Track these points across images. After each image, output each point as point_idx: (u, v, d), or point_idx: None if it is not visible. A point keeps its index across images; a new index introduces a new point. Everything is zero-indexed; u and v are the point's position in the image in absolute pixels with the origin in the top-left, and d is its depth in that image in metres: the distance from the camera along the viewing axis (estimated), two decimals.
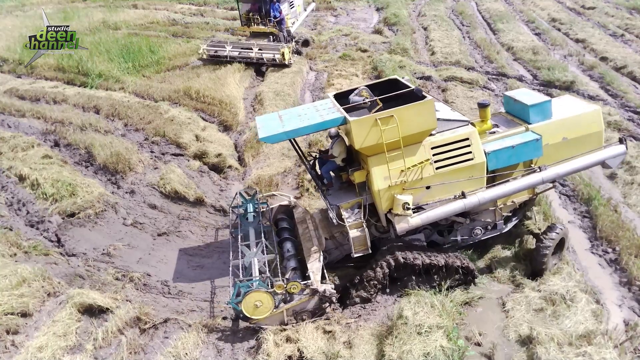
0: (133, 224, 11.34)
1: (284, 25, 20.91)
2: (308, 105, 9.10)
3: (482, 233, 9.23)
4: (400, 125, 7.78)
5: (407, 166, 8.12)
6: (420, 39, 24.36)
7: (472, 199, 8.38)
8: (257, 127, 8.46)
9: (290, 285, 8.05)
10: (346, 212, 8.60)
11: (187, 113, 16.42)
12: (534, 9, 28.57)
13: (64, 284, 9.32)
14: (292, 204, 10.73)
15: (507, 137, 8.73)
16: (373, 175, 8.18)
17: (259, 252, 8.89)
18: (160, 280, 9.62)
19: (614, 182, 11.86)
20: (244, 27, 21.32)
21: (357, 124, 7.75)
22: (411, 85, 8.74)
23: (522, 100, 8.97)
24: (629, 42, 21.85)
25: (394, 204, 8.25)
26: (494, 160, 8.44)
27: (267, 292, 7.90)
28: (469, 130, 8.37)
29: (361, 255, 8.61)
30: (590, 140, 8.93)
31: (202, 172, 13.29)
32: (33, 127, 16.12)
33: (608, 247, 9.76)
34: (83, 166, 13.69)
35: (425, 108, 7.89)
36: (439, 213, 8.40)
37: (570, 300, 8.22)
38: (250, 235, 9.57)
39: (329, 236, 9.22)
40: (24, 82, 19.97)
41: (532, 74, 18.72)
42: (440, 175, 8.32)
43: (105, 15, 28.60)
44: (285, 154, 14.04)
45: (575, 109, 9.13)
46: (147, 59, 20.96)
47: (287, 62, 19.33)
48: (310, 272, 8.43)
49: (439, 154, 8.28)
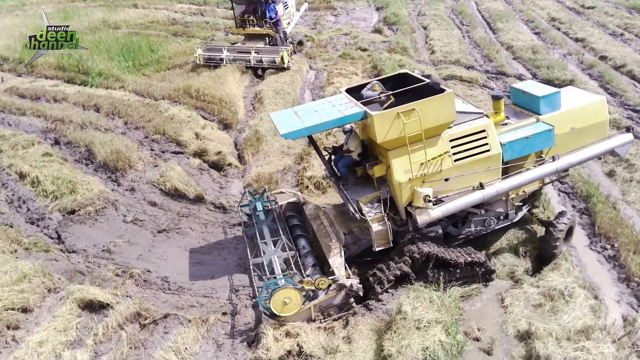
0: (133, 221, 11.36)
1: (280, 27, 20.56)
2: (322, 101, 9.06)
3: (495, 223, 9.33)
4: (422, 119, 7.81)
5: (427, 159, 8.16)
6: (420, 38, 24.40)
7: (490, 190, 8.48)
8: (274, 124, 8.36)
9: (318, 281, 8.00)
10: (366, 206, 8.61)
11: (187, 111, 16.46)
12: (533, 9, 28.62)
13: (64, 280, 9.33)
14: (302, 200, 10.73)
15: (519, 128, 8.88)
16: (394, 168, 8.18)
17: (278, 250, 8.85)
18: (160, 276, 9.64)
19: (612, 180, 11.90)
20: (238, 29, 20.87)
21: (379, 119, 7.73)
22: (424, 78, 8.79)
23: (531, 92, 9.12)
24: (628, 41, 21.89)
25: (415, 197, 8.29)
26: (509, 151, 8.58)
27: (295, 289, 7.88)
28: (485, 122, 8.47)
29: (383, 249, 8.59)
30: (596, 129, 9.15)
31: (202, 169, 13.31)
32: (33, 125, 16.16)
33: (607, 243, 9.79)
34: (83, 164, 13.71)
35: (446, 101, 7.96)
36: (458, 204, 8.47)
37: (568, 296, 8.24)
38: (265, 233, 9.58)
39: (347, 231, 9.19)
40: (24, 80, 20.01)
41: (531, 72, 18.76)
42: (458, 167, 8.39)
43: (105, 15, 28.66)
44: (285, 152, 14.08)
45: (582, 99, 9.34)
46: (147, 58, 20.99)
47: (286, 65, 19.15)
48: (334, 268, 8.43)
49: (457, 146, 8.36)
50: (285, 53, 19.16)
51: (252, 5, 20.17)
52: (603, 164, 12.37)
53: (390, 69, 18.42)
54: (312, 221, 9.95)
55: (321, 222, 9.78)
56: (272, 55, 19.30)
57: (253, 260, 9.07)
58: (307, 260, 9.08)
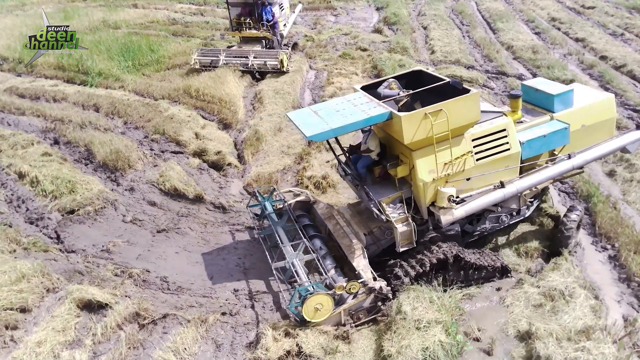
0: (132, 221, 11.34)
1: (277, 29, 20.14)
2: (340, 99, 8.85)
3: (508, 219, 9.38)
4: (449, 119, 7.79)
5: (452, 159, 8.15)
6: (420, 38, 24.37)
7: (510, 188, 8.54)
8: (296, 125, 8.15)
9: (350, 285, 7.92)
10: (388, 206, 8.55)
11: (187, 111, 16.43)
12: (533, 9, 28.59)
13: (63, 279, 9.31)
14: (312, 199, 10.64)
15: (535, 126, 8.96)
16: (418, 169, 8.14)
17: (299, 253, 8.77)
18: (159, 276, 9.61)
19: (613, 179, 11.88)
20: (234, 32, 20.29)
21: (407, 119, 7.66)
22: (440, 76, 8.80)
23: (545, 90, 9.21)
24: (628, 41, 21.87)
25: (438, 197, 8.27)
26: (527, 150, 8.67)
27: (327, 295, 7.79)
28: (505, 121, 8.53)
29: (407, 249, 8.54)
30: (605, 126, 9.34)
31: (201, 169, 13.29)
32: (33, 125, 16.14)
33: (607, 243, 9.77)
34: (83, 163, 13.69)
35: (472, 101, 7.96)
36: (481, 203, 8.52)
37: (569, 296, 8.22)
38: (281, 235, 9.47)
39: (367, 232, 9.09)
40: (24, 80, 19.97)
41: (531, 72, 18.73)
42: (480, 167, 8.42)
43: (105, 15, 28.59)
44: (285, 152, 14.06)
45: (591, 96, 9.51)
46: (147, 58, 20.91)
47: (285, 68, 18.89)
48: (360, 270, 8.32)
49: (478, 146, 8.38)
50: (285, 56, 18.92)
51: (248, 7, 19.70)
52: (603, 163, 12.35)
53: (391, 69, 18.42)
54: (326, 221, 9.79)
55: (336, 222, 9.62)
56: (271, 59, 19.03)
57: (275, 265, 8.91)
58: (326, 262, 8.89)
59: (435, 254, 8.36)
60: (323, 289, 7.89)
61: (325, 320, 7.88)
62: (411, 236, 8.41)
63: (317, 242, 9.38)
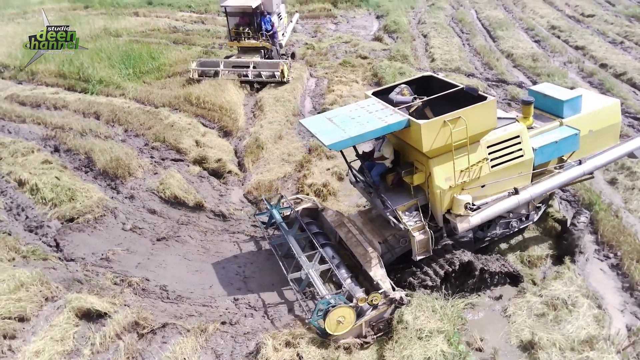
0: (132, 229, 11.29)
1: (276, 39, 20.05)
2: (353, 106, 8.72)
3: (518, 225, 9.41)
4: (468, 126, 7.77)
5: (468, 166, 8.13)
6: (420, 46, 24.43)
7: (524, 195, 8.56)
8: (312, 133, 8.00)
9: (372, 297, 7.81)
10: (404, 214, 8.48)
11: (187, 119, 16.44)
12: (533, 17, 28.69)
13: (62, 288, 9.24)
14: (320, 206, 10.54)
15: (546, 132, 9.00)
16: (435, 176, 8.09)
17: (315, 263, 8.64)
18: (158, 284, 9.55)
19: (614, 187, 11.84)
20: (233, 42, 20.00)
21: (426, 127, 7.60)
22: (451, 82, 8.77)
23: (554, 96, 9.26)
24: (628, 49, 21.93)
25: (454, 205, 8.24)
26: (539, 156, 8.70)
27: (350, 307, 7.68)
28: (519, 128, 8.54)
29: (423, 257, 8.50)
30: (610, 131, 9.44)
31: (201, 177, 13.25)
32: (33, 132, 16.12)
33: (610, 252, 9.72)
34: (83, 171, 13.66)
35: (489, 108, 7.95)
36: (496, 210, 8.51)
37: (572, 305, 8.16)
38: (293, 244, 9.34)
39: (381, 240, 8.99)
40: (24, 88, 19.98)
41: (531, 80, 18.75)
42: (494, 173, 8.41)
43: (107, 23, 28.68)
44: (285, 159, 14.03)
45: (597, 102, 9.60)
46: (147, 66, 20.95)
47: (286, 79, 18.90)
48: (378, 281, 8.19)
49: (493, 152, 8.37)
50: (285, 67, 18.85)
51: (247, 17, 19.51)
52: (605, 171, 12.30)
53: (391, 77, 18.46)
54: (337, 228, 9.67)
55: (348, 229, 9.49)
56: (271, 69, 18.91)
57: (291, 275, 8.77)
58: (341, 272, 8.71)
59: (455, 261, 8.36)
60: (345, 302, 7.78)
61: (347, 332, 7.76)
62: (428, 244, 8.37)
63: (328, 251, 9.20)
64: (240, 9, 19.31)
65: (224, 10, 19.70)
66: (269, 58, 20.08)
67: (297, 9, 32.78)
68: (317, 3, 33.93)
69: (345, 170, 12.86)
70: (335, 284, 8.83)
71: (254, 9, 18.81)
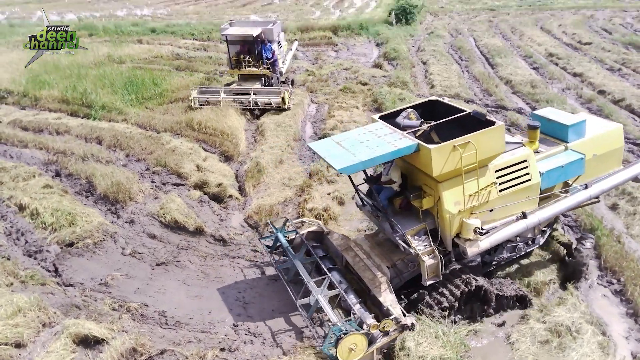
0: (132, 254, 11.23)
1: (277, 67, 20.17)
2: (361, 130, 8.71)
3: (524, 248, 9.41)
4: (477, 151, 7.82)
5: (477, 190, 8.14)
6: (420, 73, 24.71)
7: (532, 219, 8.57)
8: (322, 157, 7.99)
9: (384, 323, 7.71)
10: (414, 239, 8.44)
11: (189, 144, 16.53)
12: (531, 44, 29.08)
13: (60, 314, 9.13)
14: (325, 230, 10.49)
15: (551, 156, 9.06)
16: (445, 200, 8.07)
17: (324, 289, 8.54)
18: (157, 310, 9.44)
19: (616, 213, 11.81)
20: (233, 69, 20.13)
21: (437, 152, 7.63)
22: (457, 106, 8.88)
23: (558, 120, 9.35)
24: (626, 75, 22.17)
25: (464, 229, 8.22)
26: (546, 180, 8.73)
27: (362, 334, 7.57)
28: (526, 152, 8.59)
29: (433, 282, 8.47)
30: (613, 155, 9.56)
31: (202, 201, 13.24)
32: (35, 157, 16.20)
33: (613, 277, 9.63)
34: (83, 196, 13.67)
35: (498, 133, 8.03)
36: (505, 235, 8.51)
37: (576, 332, 8.05)
38: (301, 269, 9.21)
39: (390, 265, 8.91)
40: (27, 113, 20.16)
41: (530, 106, 18.89)
42: (502, 197, 8.42)
43: (110, 50, 29.12)
44: (286, 184, 14.04)
45: (601, 126, 9.73)
46: (150, 92, 21.19)
47: (287, 106, 18.90)
48: (389, 306, 8.07)
49: (501, 177, 8.40)
50: (286, 94, 18.95)
51: (248, 45, 19.65)
52: (606, 197, 12.28)
53: (391, 102, 18.61)
54: (343, 252, 9.58)
55: (355, 254, 9.42)
56: (272, 97, 18.95)
57: (300, 302, 8.62)
58: (350, 297, 8.58)
59: (464, 286, 8.35)
60: (357, 329, 7.68)
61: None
62: (438, 269, 8.32)
63: (335, 276, 9.07)
64: (241, 37, 19.50)
65: (224, 39, 19.89)
66: (269, 86, 20.20)
67: (298, 36, 33.35)
68: (318, 31, 34.53)
69: (346, 195, 12.90)
70: (343, 310, 8.71)
71: (254, 37, 18.98)
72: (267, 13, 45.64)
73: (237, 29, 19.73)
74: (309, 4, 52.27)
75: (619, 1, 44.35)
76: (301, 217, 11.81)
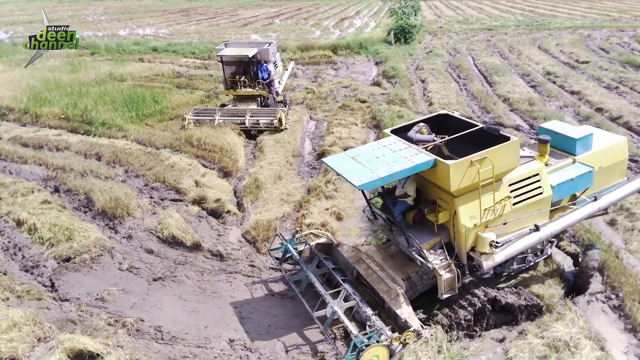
0: (129, 269, 11.19)
1: (273, 87, 20.09)
2: (375, 144, 8.74)
3: (533, 259, 9.46)
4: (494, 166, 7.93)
5: (493, 204, 8.25)
6: (418, 91, 24.91)
7: (545, 232, 8.72)
8: (339, 173, 7.98)
9: (405, 335, 7.77)
10: (429, 253, 8.50)
11: (188, 160, 16.59)
12: (528, 63, 29.38)
13: (55, 329, 9.05)
14: (335, 242, 10.50)
15: (561, 169, 9.24)
16: (460, 215, 8.17)
17: (341, 301, 8.52)
18: (153, 325, 9.37)
19: (614, 229, 11.79)
20: (228, 90, 20.05)
21: (454, 168, 7.71)
22: (469, 120, 9.02)
23: (566, 134, 9.52)
24: (623, 93, 22.34)
25: (479, 243, 8.32)
26: (557, 193, 8.89)
27: (384, 346, 7.61)
28: (538, 166, 8.75)
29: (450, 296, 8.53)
30: (618, 167, 9.77)
31: (200, 217, 13.24)
32: (34, 173, 16.24)
33: (611, 293, 9.58)
34: (82, 211, 13.66)
35: (513, 148, 8.17)
36: (518, 247, 8.64)
37: (574, 347, 7.96)
38: (313, 281, 9.28)
39: (405, 277, 8.94)
40: (28, 130, 20.26)
41: (528, 123, 19.02)
42: (516, 211, 8.55)
43: (112, 68, 29.40)
44: (284, 199, 14.06)
45: (606, 139, 9.90)
46: (150, 109, 21.32)
47: (284, 126, 18.74)
48: (407, 318, 8.12)
49: (515, 190, 8.52)
50: (283, 115, 18.80)
51: (243, 65, 19.53)
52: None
53: (389, 119, 18.72)
54: (355, 264, 9.62)
55: (367, 265, 9.45)
56: (269, 117, 18.72)
57: (317, 314, 8.60)
58: (366, 309, 8.58)
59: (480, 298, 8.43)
60: (379, 340, 7.68)
61: None
62: (454, 282, 8.39)
63: (348, 288, 9.04)
64: (236, 58, 19.43)
65: (220, 60, 19.70)
66: (265, 106, 20.06)
67: (298, 55, 33.72)
68: (318, 50, 34.94)
69: (344, 210, 12.93)
70: (357, 322, 8.68)
71: (250, 57, 18.94)
72: (267, 33, 46.23)
73: (233, 50, 19.73)
74: (309, 24, 52.97)
75: (616, 21, 44.94)
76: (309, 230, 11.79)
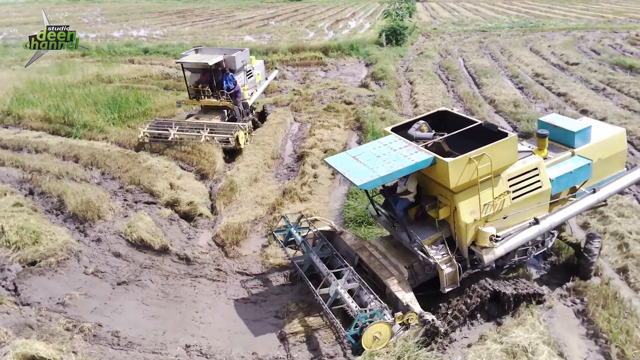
0: (94, 273, 11.05)
1: (239, 98, 18.23)
2: (376, 143, 8.80)
3: (534, 251, 9.47)
4: (492, 162, 7.95)
5: (492, 199, 8.28)
6: (405, 92, 24.78)
7: (545, 225, 8.75)
8: (340, 172, 8.11)
9: (408, 316, 7.85)
10: (431, 248, 8.60)
11: (166, 162, 16.42)
12: (519, 65, 29.25)
13: (12, 333, 8.91)
14: (338, 229, 10.56)
15: (560, 162, 9.27)
16: (461, 211, 8.21)
17: (344, 281, 8.56)
18: (111, 330, 9.23)
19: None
20: (192, 100, 18.28)
21: (453, 165, 7.77)
22: (468, 117, 9.07)
23: (564, 127, 9.56)
24: (610, 95, 22.19)
25: (480, 237, 8.36)
26: (556, 186, 8.92)
27: (387, 324, 7.68)
28: (537, 160, 8.79)
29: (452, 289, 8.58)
30: (617, 159, 9.84)
31: (172, 220, 13.09)
32: (10, 175, 16.10)
33: (576, 297, 9.42)
34: (53, 214, 13.53)
35: (511, 144, 8.20)
36: (519, 240, 8.68)
37: (531, 353, 7.80)
38: (317, 262, 9.43)
39: (408, 265, 9.00)
40: (9, 132, 20.14)
41: (512, 125, 18.87)
42: (515, 205, 8.58)
43: (100, 69, 29.31)
44: (259, 202, 13.93)
45: (604, 131, 9.96)
46: (133, 110, 21.21)
47: (242, 147, 16.92)
48: (408, 303, 8.19)
49: (514, 185, 8.55)
50: (242, 133, 16.85)
51: (207, 74, 17.81)
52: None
53: (371, 121, 18.59)
54: (358, 252, 9.73)
55: (370, 253, 9.58)
56: (226, 135, 16.90)
57: (320, 291, 8.67)
58: (368, 291, 8.60)
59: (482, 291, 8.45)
60: (383, 318, 7.73)
61: None
62: (456, 277, 8.49)
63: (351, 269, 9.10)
64: (199, 65, 17.76)
65: (180, 66, 18.33)
66: (232, 119, 18.45)
67: (288, 57, 33.63)
68: (309, 52, 34.86)
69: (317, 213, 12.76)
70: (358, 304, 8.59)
71: (211, 66, 17.16)
72: (261, 34, 46.15)
73: (196, 57, 18.13)
74: (304, 26, 52.92)
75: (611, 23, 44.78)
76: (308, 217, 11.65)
